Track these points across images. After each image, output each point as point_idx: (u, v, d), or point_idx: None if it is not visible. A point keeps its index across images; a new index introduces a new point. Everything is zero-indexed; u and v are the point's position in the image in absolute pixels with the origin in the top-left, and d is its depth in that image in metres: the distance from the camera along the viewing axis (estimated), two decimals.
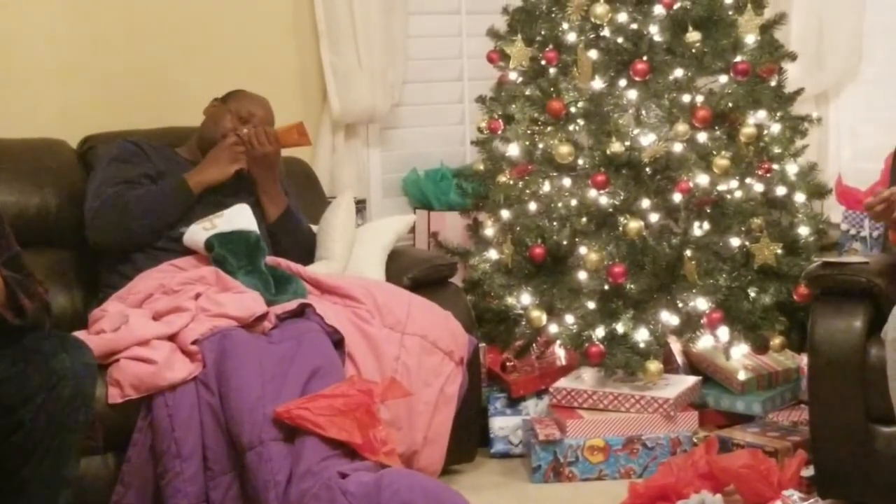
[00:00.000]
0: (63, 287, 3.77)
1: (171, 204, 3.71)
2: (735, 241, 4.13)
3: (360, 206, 4.48)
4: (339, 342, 3.47)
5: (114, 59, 4.29)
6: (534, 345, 4.26)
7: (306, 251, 3.98)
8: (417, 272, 3.96)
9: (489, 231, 4.39)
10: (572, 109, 4.18)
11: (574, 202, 4.15)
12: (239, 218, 3.71)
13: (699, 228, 4.13)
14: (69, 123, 4.09)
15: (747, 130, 4.10)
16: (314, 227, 4.09)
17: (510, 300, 4.22)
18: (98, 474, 3.26)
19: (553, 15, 4.30)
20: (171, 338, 3.36)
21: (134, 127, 4.11)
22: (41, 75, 4.15)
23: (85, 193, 3.76)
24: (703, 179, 4.05)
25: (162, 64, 4.38)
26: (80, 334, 3.27)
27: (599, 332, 4.02)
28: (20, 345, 2.99)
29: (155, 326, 3.38)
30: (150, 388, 3.24)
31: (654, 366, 3.95)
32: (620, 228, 4.03)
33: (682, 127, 4.04)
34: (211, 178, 3.78)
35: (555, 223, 4.18)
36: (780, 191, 4.27)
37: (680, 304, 4.06)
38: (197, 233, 3.66)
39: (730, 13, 4.21)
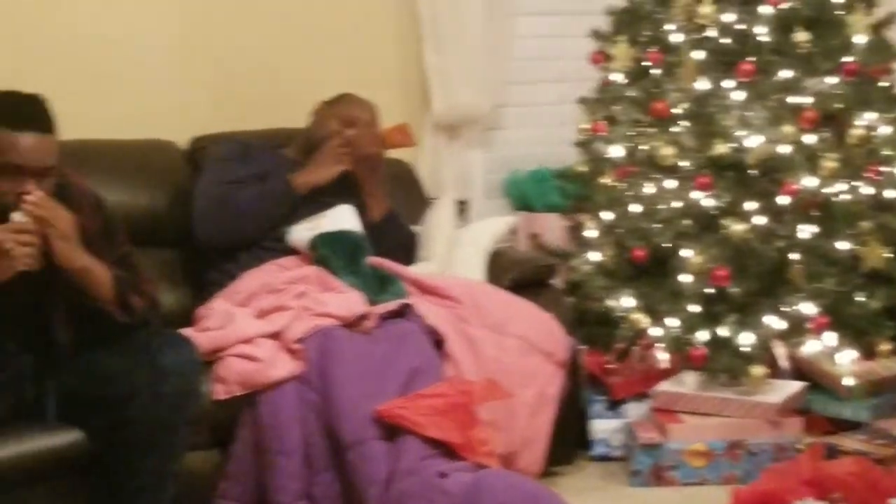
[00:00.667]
0: (171, 285, 3.84)
1: (276, 204, 3.76)
2: (843, 245, 4.06)
3: (462, 207, 4.49)
4: (438, 342, 3.49)
5: (222, 62, 4.36)
6: (635, 348, 4.23)
7: (408, 252, 4.01)
8: (518, 273, 3.96)
9: (590, 233, 4.36)
10: (676, 111, 4.14)
11: (677, 204, 4.11)
12: (342, 218, 3.75)
13: (806, 231, 4.07)
14: (179, 125, 4.16)
15: (856, 132, 4.03)
16: (415, 229, 4.12)
17: (611, 302, 4.19)
18: (203, 469, 3.31)
19: (657, 15, 4.27)
20: (275, 336, 3.40)
21: (242, 128, 4.17)
22: (152, 78, 4.23)
23: (192, 194, 3.82)
24: (809, 182, 3.99)
25: (269, 66, 4.44)
26: (186, 331, 3.34)
27: (702, 335, 3.98)
28: (129, 341, 3.07)
29: (259, 324, 3.42)
30: (254, 386, 3.28)
31: (758, 370, 3.90)
32: (724, 231, 3.98)
33: (788, 128, 3.98)
34: (316, 178, 3.82)
35: (657, 225, 4.15)
36: (890, 193, 4.18)
37: (785, 309, 4.00)
38: (301, 233, 3.71)
39: (839, 13, 4.14)
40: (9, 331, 3.04)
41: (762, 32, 4.13)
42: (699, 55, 4.14)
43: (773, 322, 3.99)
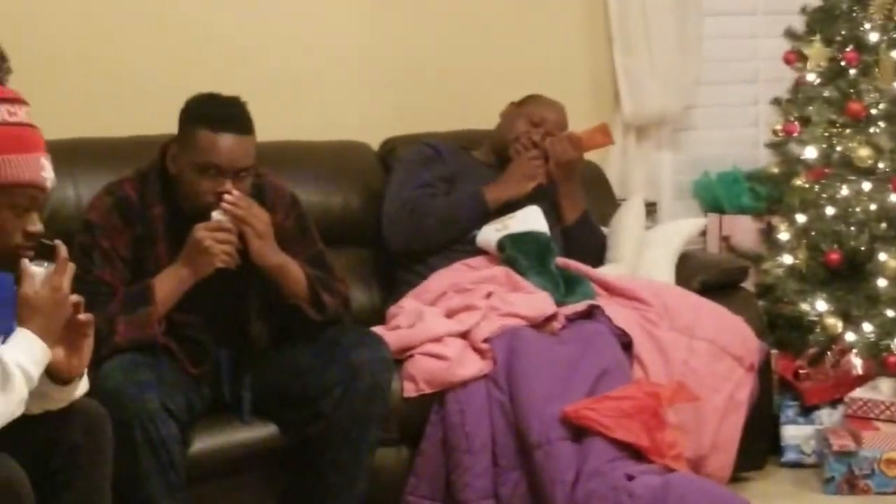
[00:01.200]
0: (362, 284, 3.90)
1: (466, 216, 3.78)
2: None
3: (651, 208, 4.46)
4: (627, 344, 3.47)
5: (413, 64, 4.41)
6: (828, 353, 4.14)
7: (597, 254, 4.00)
8: (708, 276, 3.92)
9: (783, 235, 4.29)
10: (873, 111, 4.05)
11: (873, 207, 4.01)
12: (530, 219, 3.76)
13: None
14: (371, 126, 4.22)
15: None
16: (604, 230, 4.11)
17: (804, 306, 4.12)
18: (392, 465, 3.35)
19: (854, 14, 4.18)
20: (463, 335, 3.44)
21: (432, 129, 4.20)
22: (345, 81, 4.31)
23: (383, 195, 3.87)
24: None
25: (459, 69, 4.48)
26: (377, 329, 3.40)
27: None
28: (321, 339, 3.14)
29: (448, 324, 3.46)
30: (442, 384, 3.32)
31: None
32: None
33: None
34: (508, 194, 3.80)
35: (852, 228, 4.05)
36: None
37: None
38: (489, 234, 3.73)
39: None
40: (207, 327, 3.13)
41: None
42: None
43: None
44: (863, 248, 4.02)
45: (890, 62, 3.99)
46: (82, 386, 2.43)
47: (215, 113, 3.03)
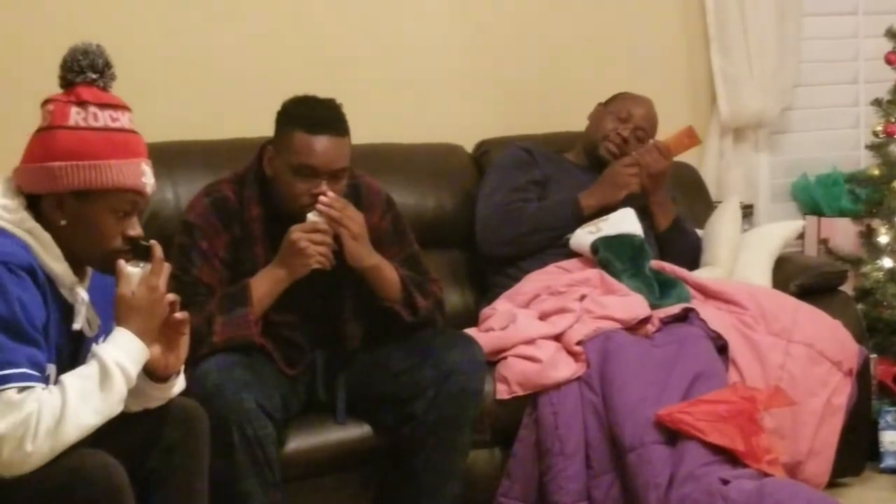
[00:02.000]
0: (455, 286, 3.91)
1: (560, 224, 3.77)
2: None
3: (747, 211, 4.42)
4: (722, 348, 3.44)
5: (509, 67, 4.42)
6: None
7: (692, 258, 3.97)
8: (805, 279, 3.87)
9: (883, 238, 4.24)
10: None
11: None
12: (624, 221, 3.74)
13: None
14: (466, 129, 4.24)
15: None
16: (699, 232, 4.08)
17: None
18: (485, 467, 3.35)
19: None
20: (557, 338, 3.43)
21: (527, 132, 4.22)
22: (441, 84, 4.33)
23: (476, 198, 3.88)
24: None
25: (553, 71, 4.48)
26: (470, 331, 3.40)
27: None
28: (414, 340, 3.16)
29: (541, 326, 3.46)
30: (535, 386, 3.32)
31: None
32: None
33: None
34: (602, 201, 3.79)
35: None
36: None
37: None
38: (583, 237, 3.72)
39: None
40: (302, 327, 3.16)
41: None
42: None
43: None
44: None
45: None
46: (179, 384, 2.47)
47: (311, 115, 3.05)
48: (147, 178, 2.35)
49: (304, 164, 3.01)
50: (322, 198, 3.00)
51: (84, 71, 2.31)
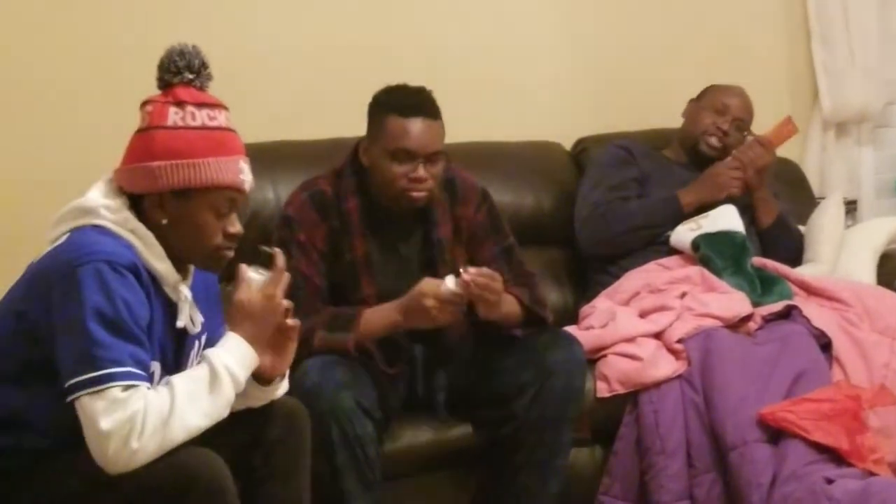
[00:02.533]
0: (555, 284, 3.90)
1: (661, 221, 3.74)
2: None
3: (851, 206, 4.35)
4: (825, 346, 3.39)
5: (607, 63, 4.42)
6: None
7: (795, 255, 3.93)
8: None
9: None
10: None
11: None
12: (724, 218, 3.70)
13: None
14: (564, 126, 4.23)
15: None
16: (801, 228, 4.02)
17: None
18: (586, 465, 3.35)
19: None
20: (657, 335, 3.41)
21: (626, 129, 4.20)
22: (539, 81, 4.32)
23: (575, 197, 3.88)
24: None
25: (651, 67, 4.46)
26: (570, 329, 3.39)
27: None
28: (515, 339, 3.15)
29: (641, 324, 3.44)
30: (636, 384, 3.30)
31: None
32: None
33: None
34: (702, 200, 3.75)
35: None
36: None
37: None
38: (683, 233, 3.69)
39: None
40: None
41: None
42: None
43: None
44: None
45: None
46: (283, 385, 2.50)
47: (403, 100, 3.07)
48: (245, 174, 2.37)
49: (400, 148, 3.03)
50: (466, 273, 2.93)
51: (181, 72, 2.33)
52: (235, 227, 2.37)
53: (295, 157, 3.66)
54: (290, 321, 2.41)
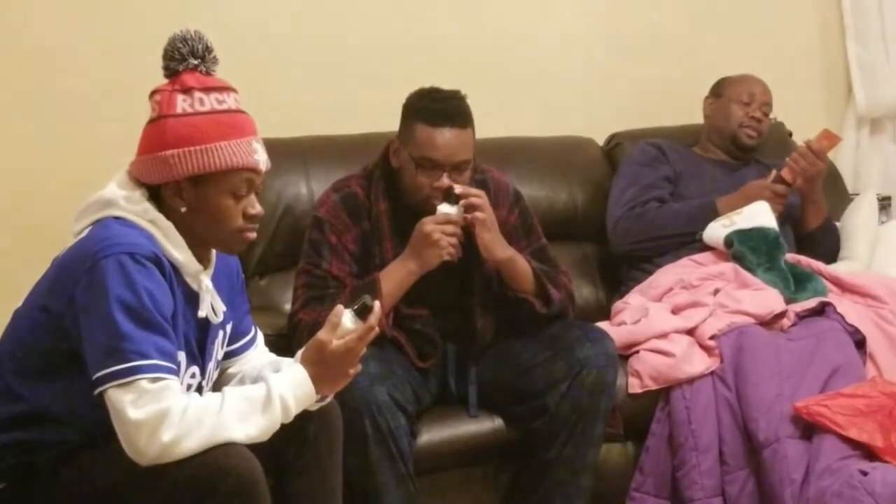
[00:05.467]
0: (587, 280, 3.91)
1: (695, 224, 3.72)
2: None
3: (885, 203, 4.33)
4: (860, 342, 3.37)
5: (640, 60, 4.42)
6: None
7: (832, 253, 3.92)
8: None
9: None
10: None
11: None
12: (758, 215, 3.67)
13: None
14: (597, 122, 4.23)
15: None
16: (836, 224, 4.00)
17: None
18: (618, 461, 3.34)
19: None
20: (690, 332, 3.39)
21: (657, 125, 4.20)
22: (571, 76, 4.33)
23: (608, 193, 3.87)
24: None
25: (685, 64, 4.46)
26: (602, 325, 3.38)
27: None
28: (546, 333, 3.15)
29: (674, 320, 3.42)
30: (668, 381, 3.29)
31: None
32: None
33: None
34: (737, 206, 3.73)
35: None
36: None
37: None
38: (716, 230, 3.67)
39: None
40: (434, 320, 3.16)
41: None
42: None
43: None
44: None
45: None
46: (327, 398, 2.48)
47: (433, 108, 3.04)
48: (259, 154, 2.35)
49: (426, 157, 3.01)
50: (457, 188, 2.99)
51: (185, 58, 2.31)
52: (255, 207, 2.36)
53: (328, 152, 3.66)
54: (353, 371, 2.40)
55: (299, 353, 2.39)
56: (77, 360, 2.18)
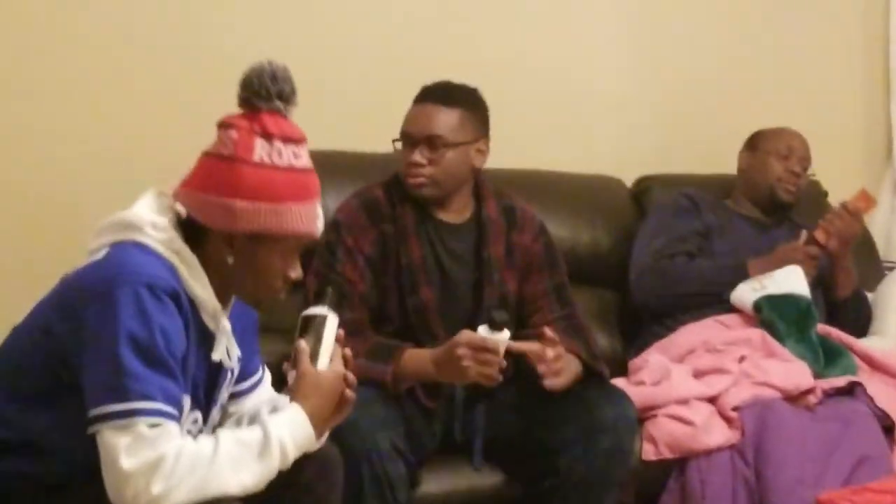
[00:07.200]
0: (605, 328, 3.75)
1: (723, 284, 3.57)
2: None
3: None
4: (888, 428, 3.22)
5: (675, 103, 4.29)
6: None
7: (862, 326, 3.76)
8: None
9: None
10: None
11: None
12: (790, 281, 3.52)
13: None
14: (627, 162, 4.10)
15: None
16: (868, 296, 3.85)
17: None
18: None
19: None
20: (711, 399, 3.24)
21: (689, 170, 4.07)
22: (604, 114, 4.20)
23: (634, 238, 3.73)
24: None
25: (722, 108, 4.32)
26: (619, 382, 3.25)
27: None
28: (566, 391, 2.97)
29: (696, 385, 3.27)
30: (685, 450, 3.14)
31: None
32: None
33: None
34: (769, 269, 3.56)
35: None
36: None
37: None
38: (745, 293, 3.51)
39: None
40: None
41: None
42: None
43: None
44: None
45: None
46: (323, 438, 2.34)
47: (425, 88, 3.07)
48: (320, 221, 2.24)
49: (403, 131, 3.04)
50: (547, 330, 2.86)
51: (272, 98, 2.16)
52: (297, 272, 2.23)
53: (347, 169, 3.51)
54: (349, 393, 2.28)
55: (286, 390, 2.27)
56: (75, 391, 2.02)
